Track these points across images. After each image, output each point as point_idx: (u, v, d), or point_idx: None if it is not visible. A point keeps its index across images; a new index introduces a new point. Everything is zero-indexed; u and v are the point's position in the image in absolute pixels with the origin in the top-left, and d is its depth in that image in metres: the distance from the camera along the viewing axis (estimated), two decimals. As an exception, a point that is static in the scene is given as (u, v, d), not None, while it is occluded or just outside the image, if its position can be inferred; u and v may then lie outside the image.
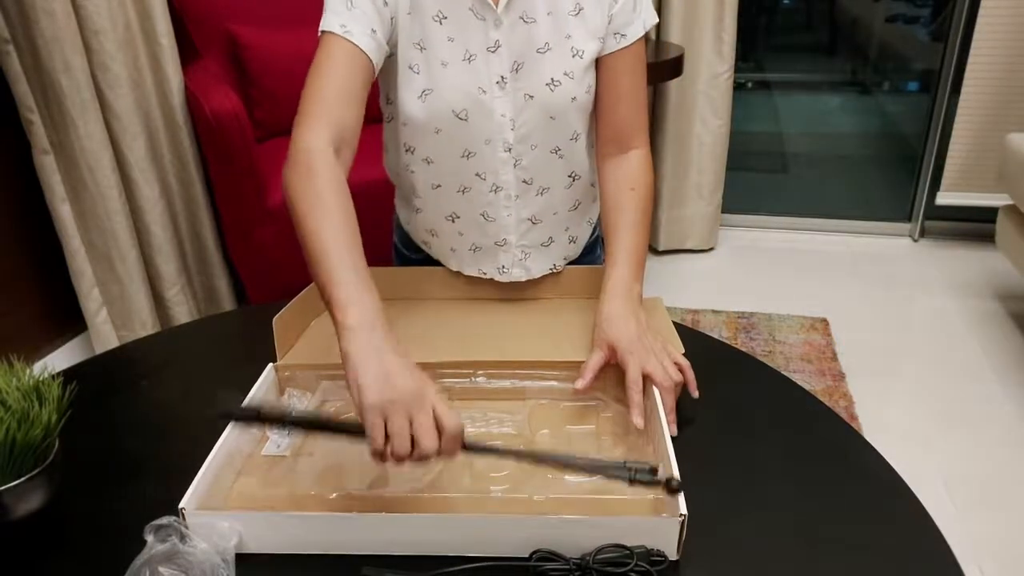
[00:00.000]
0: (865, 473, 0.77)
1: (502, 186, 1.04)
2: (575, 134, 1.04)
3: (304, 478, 0.76)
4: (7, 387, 0.71)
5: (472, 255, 1.10)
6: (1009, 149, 2.19)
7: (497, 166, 1.03)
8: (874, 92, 3.37)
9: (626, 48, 1.00)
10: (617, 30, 1.00)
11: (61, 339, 2.19)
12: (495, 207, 1.06)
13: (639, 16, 1.00)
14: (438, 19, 0.97)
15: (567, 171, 1.07)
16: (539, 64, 0.98)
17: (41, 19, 1.79)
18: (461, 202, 1.07)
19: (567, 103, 1.00)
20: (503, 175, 1.04)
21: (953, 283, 2.63)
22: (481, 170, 1.03)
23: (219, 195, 2.20)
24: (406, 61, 0.98)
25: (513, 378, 0.88)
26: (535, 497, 0.72)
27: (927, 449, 1.84)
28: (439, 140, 1.01)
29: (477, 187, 1.05)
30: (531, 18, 0.97)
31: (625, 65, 1.01)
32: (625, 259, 0.97)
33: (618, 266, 0.97)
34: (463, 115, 0.99)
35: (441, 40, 0.97)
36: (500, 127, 1.00)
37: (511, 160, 1.02)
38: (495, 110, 0.99)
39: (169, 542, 0.64)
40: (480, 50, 0.97)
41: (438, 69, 0.98)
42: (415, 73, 0.98)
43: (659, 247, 2.90)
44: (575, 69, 0.99)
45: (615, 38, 1.00)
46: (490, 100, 0.99)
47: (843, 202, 3.19)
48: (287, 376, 0.89)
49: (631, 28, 1.00)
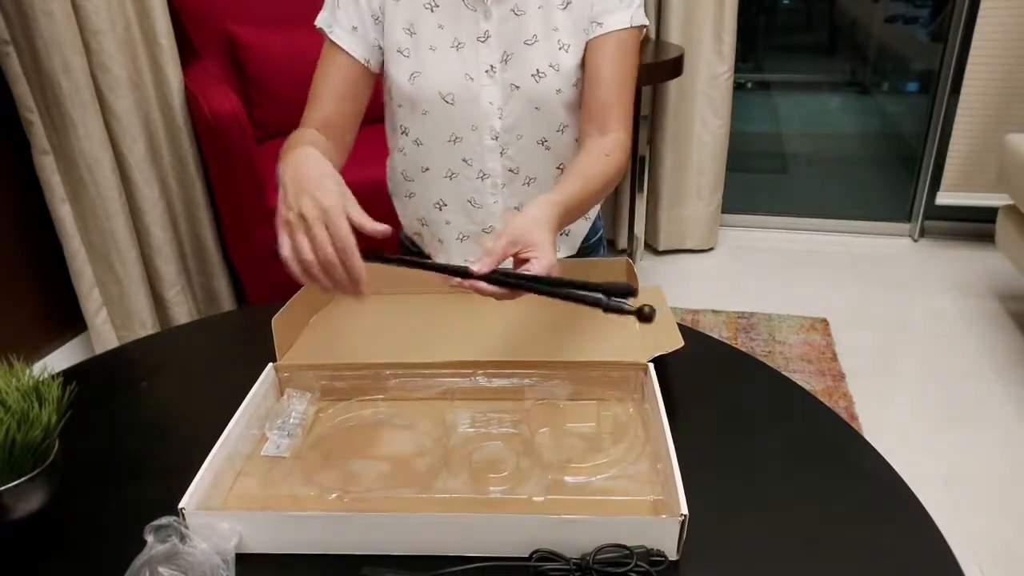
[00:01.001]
0: (865, 473, 0.77)
1: (489, 173, 1.06)
2: (562, 126, 1.05)
3: (304, 478, 0.76)
4: (7, 387, 0.71)
5: (459, 244, 1.12)
6: (1009, 149, 2.19)
7: (484, 153, 1.05)
8: (874, 92, 3.37)
9: (605, 35, 1.01)
10: (595, 18, 1.02)
11: (61, 339, 2.19)
12: (482, 194, 1.08)
13: (624, 8, 1.01)
14: (430, 7, 1.00)
15: (554, 163, 1.08)
16: (526, 55, 1.00)
17: (40, 20, 1.79)
18: (448, 188, 1.09)
19: (552, 95, 1.02)
20: (489, 163, 1.05)
21: (953, 283, 2.63)
22: (468, 156, 1.06)
23: (219, 195, 2.20)
24: (395, 45, 1.01)
25: (513, 378, 0.88)
26: (535, 497, 0.72)
27: (927, 449, 1.84)
28: (426, 122, 1.05)
29: (464, 173, 1.07)
30: (522, 10, 1.00)
31: (604, 52, 1.02)
32: (559, 195, 0.88)
33: (551, 193, 0.89)
34: (449, 99, 1.01)
35: (431, 27, 1.01)
36: (487, 114, 1.02)
37: (497, 148, 1.04)
38: (482, 97, 1.01)
39: (169, 542, 0.64)
40: (470, 39, 1.00)
41: (426, 54, 1.01)
42: (404, 56, 1.02)
43: (659, 247, 2.90)
44: (561, 62, 1.01)
45: (593, 26, 1.02)
46: (477, 87, 1.01)
47: (843, 202, 3.19)
48: (287, 376, 0.89)
49: (611, 17, 1.01)
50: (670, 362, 0.90)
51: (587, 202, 0.95)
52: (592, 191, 0.96)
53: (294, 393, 0.88)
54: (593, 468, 0.76)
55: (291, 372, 0.90)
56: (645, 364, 0.86)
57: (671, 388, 0.89)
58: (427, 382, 0.88)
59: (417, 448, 0.80)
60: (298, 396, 0.87)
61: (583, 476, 0.75)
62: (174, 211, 2.24)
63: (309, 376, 0.89)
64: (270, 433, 0.82)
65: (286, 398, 0.87)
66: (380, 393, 0.88)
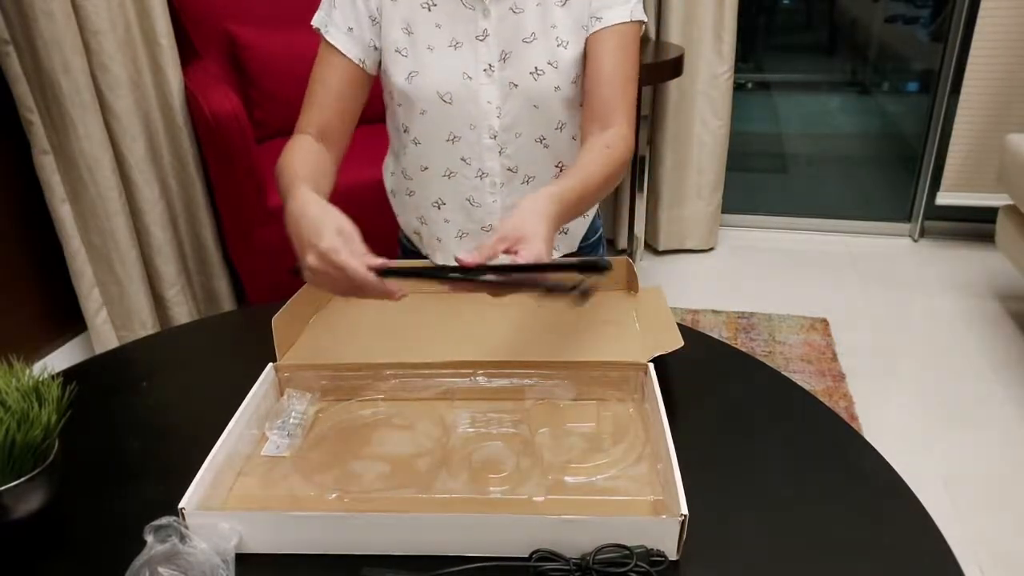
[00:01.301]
0: (865, 473, 0.77)
1: (487, 172, 1.06)
2: (560, 124, 1.05)
3: (304, 478, 0.76)
4: (7, 387, 0.71)
5: (458, 243, 1.12)
6: (1009, 149, 2.19)
7: (482, 152, 1.05)
8: (874, 92, 3.37)
9: (604, 30, 1.01)
10: (594, 13, 1.01)
11: (61, 339, 2.19)
12: (480, 192, 1.08)
13: (623, 3, 1.01)
14: (427, 6, 1.00)
15: (553, 161, 1.08)
16: (524, 53, 1.00)
17: (41, 20, 1.79)
18: (447, 187, 1.09)
19: (550, 92, 1.01)
20: (488, 162, 1.05)
21: (953, 283, 2.63)
22: (466, 155, 1.05)
23: (219, 196, 2.20)
24: (393, 44, 1.01)
25: (513, 378, 0.88)
26: (535, 497, 0.72)
27: (927, 449, 1.84)
28: (425, 121, 1.04)
29: (463, 172, 1.07)
30: (520, 8, 1.00)
31: (605, 47, 1.02)
32: (558, 187, 0.88)
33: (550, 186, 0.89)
34: (447, 98, 1.01)
35: (429, 26, 1.00)
36: (485, 113, 1.02)
37: (496, 147, 1.04)
38: (481, 96, 1.01)
39: (169, 542, 0.64)
40: (468, 38, 1.00)
41: (424, 53, 1.01)
42: (402, 56, 1.01)
43: (659, 247, 2.90)
44: (559, 59, 1.00)
45: (592, 20, 1.02)
46: (476, 86, 1.01)
47: (843, 202, 3.19)
48: (287, 376, 0.89)
49: (610, 12, 1.01)
50: (670, 362, 0.90)
51: (589, 196, 0.94)
52: (594, 184, 0.95)
53: (294, 393, 0.88)
54: (593, 468, 0.76)
55: (291, 372, 0.89)
56: (645, 364, 0.86)
57: (671, 388, 0.89)
58: (427, 382, 0.88)
59: (417, 448, 0.80)
60: (298, 396, 0.87)
61: (583, 476, 0.75)
62: (174, 211, 2.24)
63: (309, 376, 0.89)
64: (270, 433, 0.82)
65: (286, 398, 0.87)
66: (380, 393, 0.88)
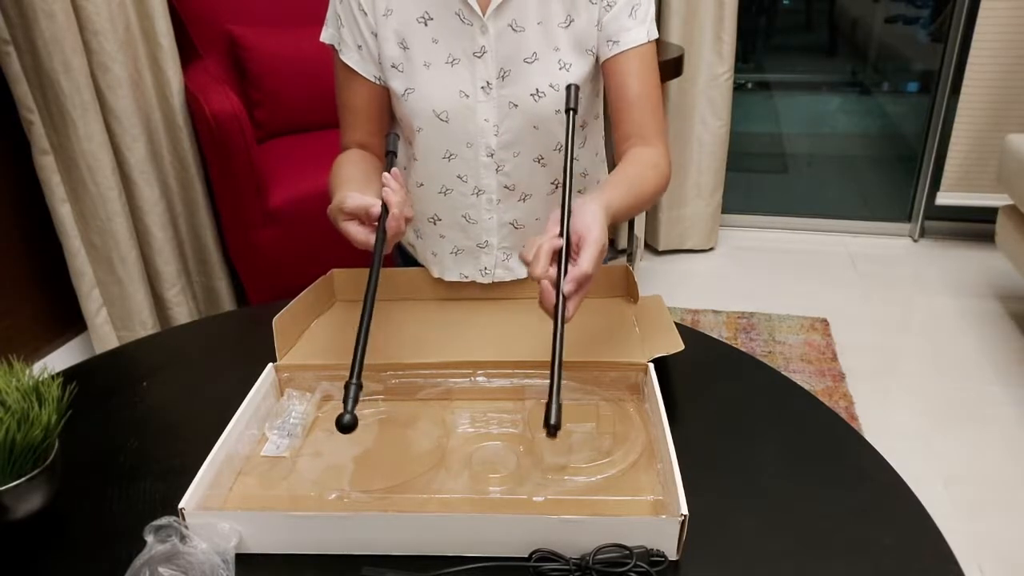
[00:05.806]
0: (865, 473, 0.77)
1: (484, 190, 1.05)
2: (558, 145, 1.03)
3: (304, 478, 0.76)
4: (7, 387, 0.71)
5: (453, 259, 1.11)
6: (1009, 149, 2.19)
7: (479, 170, 1.03)
8: (874, 93, 3.38)
9: (624, 53, 0.99)
10: (609, 37, 0.99)
11: (61, 339, 2.19)
12: (477, 210, 1.07)
13: (639, 24, 0.99)
14: (423, 20, 0.98)
15: (550, 179, 1.07)
16: (525, 73, 0.98)
17: (41, 20, 1.79)
18: (443, 204, 1.08)
19: (550, 114, 1.00)
20: (485, 179, 1.04)
21: (953, 283, 2.63)
22: (463, 172, 1.04)
23: (219, 196, 2.20)
24: (389, 60, 1.00)
25: (513, 378, 0.88)
26: (535, 497, 0.72)
27: (927, 449, 1.84)
28: (421, 139, 1.03)
29: (459, 189, 1.06)
30: (520, 27, 0.97)
31: (628, 70, 1.00)
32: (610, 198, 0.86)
33: (604, 190, 0.88)
34: (444, 116, 1.00)
35: (424, 41, 0.99)
36: (482, 131, 1.01)
37: (493, 165, 1.03)
38: (478, 114, 1.00)
39: (169, 542, 0.64)
40: (465, 55, 0.98)
41: (420, 70, 0.99)
42: (399, 72, 1.00)
43: (659, 247, 2.90)
44: (561, 82, 0.98)
45: (608, 45, 0.99)
46: (473, 104, 0.99)
47: (843, 202, 3.19)
48: (287, 376, 0.90)
49: (627, 35, 0.99)
50: (670, 362, 0.90)
51: (632, 211, 0.94)
52: (640, 202, 0.94)
53: (294, 393, 0.88)
54: (593, 468, 0.76)
55: (291, 372, 0.90)
56: (645, 364, 0.86)
57: (671, 388, 0.89)
58: (427, 382, 0.88)
59: (417, 448, 0.81)
60: (298, 396, 0.87)
61: (583, 476, 0.75)
62: (174, 211, 2.24)
63: (309, 376, 0.89)
64: (270, 433, 0.82)
65: (286, 398, 0.87)
66: (380, 393, 0.88)
